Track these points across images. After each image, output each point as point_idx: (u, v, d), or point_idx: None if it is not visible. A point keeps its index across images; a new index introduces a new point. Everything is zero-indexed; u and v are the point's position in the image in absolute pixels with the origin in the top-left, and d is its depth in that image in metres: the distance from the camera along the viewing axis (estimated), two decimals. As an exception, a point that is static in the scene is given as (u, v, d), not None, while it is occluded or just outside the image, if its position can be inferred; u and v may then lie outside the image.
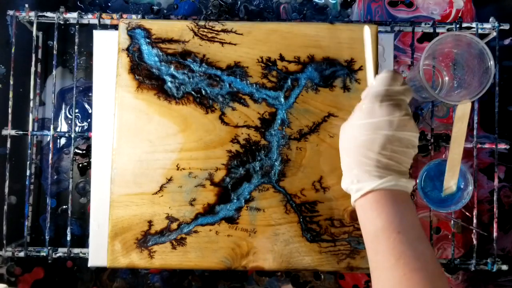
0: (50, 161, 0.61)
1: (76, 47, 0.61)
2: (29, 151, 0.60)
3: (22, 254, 0.59)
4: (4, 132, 0.60)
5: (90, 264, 0.56)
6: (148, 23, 0.51)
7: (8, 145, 0.59)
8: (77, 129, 0.65)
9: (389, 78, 0.40)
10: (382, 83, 0.40)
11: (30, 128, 0.60)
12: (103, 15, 0.60)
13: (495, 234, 0.58)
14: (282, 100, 0.50)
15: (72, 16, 0.60)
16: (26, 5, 0.60)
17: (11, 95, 0.60)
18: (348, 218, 0.49)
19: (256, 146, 0.50)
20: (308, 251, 0.49)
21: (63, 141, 0.67)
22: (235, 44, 0.51)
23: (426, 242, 0.37)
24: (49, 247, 0.59)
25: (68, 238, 0.59)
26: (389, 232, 0.37)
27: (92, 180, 0.56)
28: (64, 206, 0.66)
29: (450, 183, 0.54)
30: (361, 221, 0.40)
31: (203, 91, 0.50)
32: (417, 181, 0.62)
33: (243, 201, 0.50)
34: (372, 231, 0.38)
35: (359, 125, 0.40)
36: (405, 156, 0.40)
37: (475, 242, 0.58)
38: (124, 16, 0.60)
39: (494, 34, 0.60)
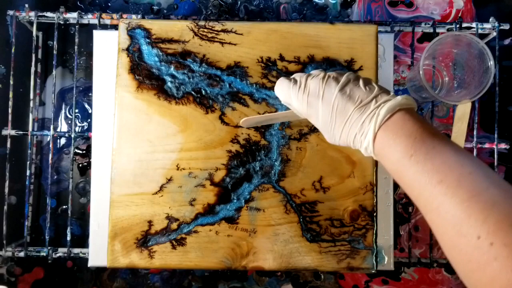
0: (50, 161, 0.61)
1: (76, 47, 0.61)
2: (29, 151, 0.60)
3: (22, 254, 0.59)
4: (4, 132, 0.60)
5: (90, 264, 0.56)
6: (148, 23, 0.51)
7: (8, 145, 0.59)
8: (77, 129, 0.65)
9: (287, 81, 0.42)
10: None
11: (30, 128, 0.60)
12: (103, 15, 0.60)
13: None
14: (282, 100, 0.50)
15: (72, 16, 0.60)
16: (26, 5, 0.60)
17: (11, 95, 0.60)
18: (348, 218, 0.49)
19: (256, 146, 0.50)
20: (308, 251, 0.49)
21: (63, 141, 0.67)
22: (235, 44, 0.51)
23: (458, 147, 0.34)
24: (49, 247, 0.59)
25: (68, 238, 0.59)
26: (424, 147, 0.33)
27: (92, 180, 0.56)
28: (64, 206, 0.66)
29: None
30: (387, 157, 0.36)
31: (203, 91, 0.50)
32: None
33: (243, 201, 0.50)
34: (401, 157, 0.34)
35: (335, 96, 0.38)
36: (379, 87, 0.39)
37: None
38: (124, 16, 0.60)
39: (494, 34, 0.60)
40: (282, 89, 0.42)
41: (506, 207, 0.29)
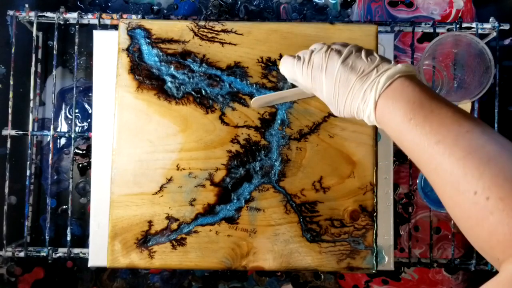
0: (50, 161, 0.61)
1: (76, 47, 0.61)
2: (29, 151, 0.60)
3: (22, 254, 0.59)
4: (4, 132, 0.60)
5: (90, 264, 0.56)
6: (148, 23, 0.51)
7: (8, 145, 0.59)
8: (77, 129, 0.65)
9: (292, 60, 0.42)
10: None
11: (30, 128, 0.60)
12: (103, 15, 0.60)
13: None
14: (282, 100, 0.50)
15: (72, 16, 0.60)
16: (26, 5, 0.60)
17: (11, 95, 0.60)
18: (348, 218, 0.49)
19: (256, 146, 0.50)
20: (308, 251, 0.49)
21: (63, 141, 0.67)
22: (235, 44, 0.51)
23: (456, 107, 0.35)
24: (49, 247, 0.59)
25: (68, 238, 0.59)
26: (423, 111, 0.34)
27: (92, 180, 0.56)
28: (64, 206, 0.66)
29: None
30: (388, 124, 0.37)
31: (203, 91, 0.50)
32: (417, 181, 0.62)
33: (243, 201, 0.50)
34: (401, 121, 0.35)
35: (337, 68, 0.39)
36: (381, 57, 0.39)
37: (475, 242, 0.58)
38: (124, 16, 0.60)
39: (494, 34, 0.60)
40: (287, 67, 0.43)
41: (501, 161, 0.30)
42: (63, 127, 0.67)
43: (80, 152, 0.66)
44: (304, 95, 0.47)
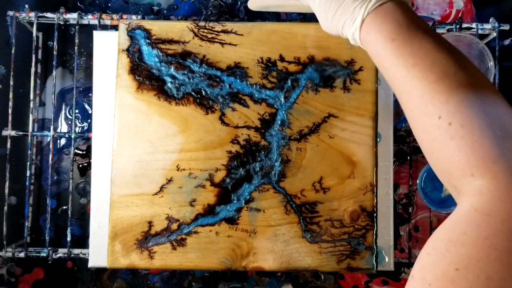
0: (50, 162, 0.61)
1: (76, 47, 0.61)
2: (29, 152, 0.60)
3: (22, 254, 0.59)
4: (4, 132, 0.60)
5: (90, 264, 0.56)
6: (148, 24, 0.51)
7: (8, 145, 0.59)
8: (77, 129, 0.65)
9: None
10: None
11: (30, 129, 0.60)
12: (103, 16, 0.60)
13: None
14: (282, 100, 0.50)
15: (72, 16, 0.60)
16: (26, 6, 0.60)
17: (11, 95, 0.60)
18: (348, 218, 0.49)
19: (256, 147, 0.50)
20: (308, 252, 0.49)
21: (63, 141, 0.67)
22: (235, 45, 0.51)
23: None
24: (49, 248, 0.59)
25: (68, 238, 0.59)
26: (407, 33, 0.34)
27: (92, 181, 0.56)
28: (64, 207, 0.66)
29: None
30: (371, 43, 0.37)
31: (203, 92, 0.50)
32: (417, 181, 0.62)
33: (243, 201, 0.50)
34: (384, 42, 0.35)
35: None
36: None
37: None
38: (124, 16, 0.60)
39: (494, 34, 0.60)
40: None
41: (469, 89, 0.30)
42: (63, 127, 0.67)
43: (80, 152, 0.66)
44: (300, 9, 0.47)
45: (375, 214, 0.49)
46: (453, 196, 0.31)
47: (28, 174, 0.60)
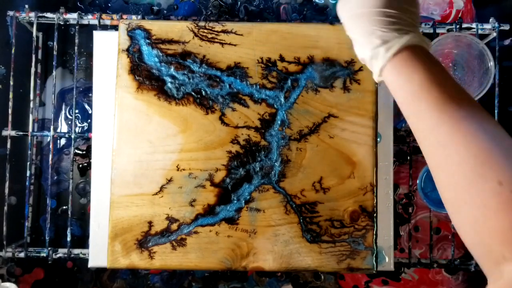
0: (50, 162, 0.61)
1: (76, 47, 0.61)
2: (29, 152, 0.60)
3: (22, 254, 0.59)
4: (4, 132, 0.60)
5: (90, 264, 0.56)
6: (148, 24, 0.51)
7: (8, 145, 0.59)
8: (77, 129, 0.65)
9: None
10: None
11: (30, 129, 0.60)
12: (103, 16, 0.60)
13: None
14: (282, 100, 0.50)
15: (72, 16, 0.60)
16: (26, 6, 0.60)
17: (11, 95, 0.60)
18: (348, 219, 0.49)
19: (256, 147, 0.50)
20: (308, 252, 0.49)
21: (63, 141, 0.67)
22: (235, 45, 0.51)
23: (467, 93, 0.35)
24: (49, 248, 0.59)
25: (68, 238, 0.59)
26: (430, 86, 0.34)
27: (92, 181, 0.56)
28: (64, 207, 0.66)
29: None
30: (395, 85, 0.37)
31: (203, 92, 0.50)
32: (417, 181, 0.62)
33: (243, 201, 0.50)
34: (410, 91, 0.35)
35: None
36: (417, 12, 0.38)
37: (475, 242, 0.58)
38: (124, 16, 0.60)
39: (494, 34, 0.60)
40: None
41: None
42: (63, 127, 0.67)
43: (80, 152, 0.66)
44: None
45: (375, 214, 0.49)
46: (485, 262, 0.29)
47: (28, 174, 0.60)
